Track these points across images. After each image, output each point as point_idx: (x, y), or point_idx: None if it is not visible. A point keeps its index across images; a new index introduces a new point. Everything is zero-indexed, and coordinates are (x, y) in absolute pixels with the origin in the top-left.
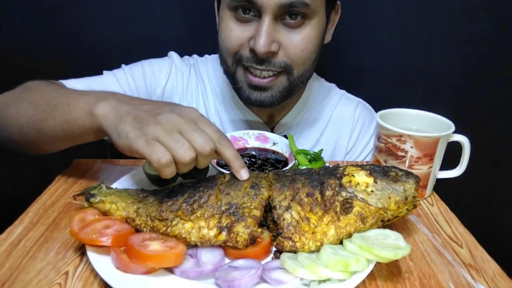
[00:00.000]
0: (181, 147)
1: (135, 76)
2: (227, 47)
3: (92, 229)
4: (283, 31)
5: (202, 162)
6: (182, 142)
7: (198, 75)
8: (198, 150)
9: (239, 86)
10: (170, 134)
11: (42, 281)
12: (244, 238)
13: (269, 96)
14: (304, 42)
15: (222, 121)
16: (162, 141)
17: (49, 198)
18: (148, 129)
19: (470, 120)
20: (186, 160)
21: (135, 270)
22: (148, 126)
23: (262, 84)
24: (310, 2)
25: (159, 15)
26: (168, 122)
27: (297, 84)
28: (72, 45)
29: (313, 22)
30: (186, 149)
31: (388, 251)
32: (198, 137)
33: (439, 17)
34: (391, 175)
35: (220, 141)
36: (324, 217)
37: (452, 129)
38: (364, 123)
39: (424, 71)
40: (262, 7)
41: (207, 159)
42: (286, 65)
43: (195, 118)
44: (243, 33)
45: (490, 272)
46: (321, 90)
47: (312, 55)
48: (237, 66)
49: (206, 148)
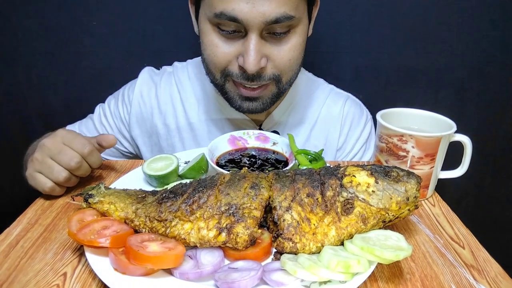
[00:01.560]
0: (52, 171)
1: (107, 116)
2: (214, 63)
3: (90, 230)
4: (270, 45)
5: (81, 174)
6: (52, 166)
7: (174, 82)
8: (67, 168)
9: (229, 96)
10: (42, 162)
11: (40, 282)
12: (244, 239)
13: (260, 104)
14: (291, 52)
15: (207, 122)
16: (39, 170)
17: (47, 199)
18: (31, 165)
19: (471, 120)
20: (61, 180)
21: (133, 271)
22: (32, 163)
23: (253, 95)
24: (294, 14)
25: (158, 14)
26: (40, 153)
27: (285, 88)
28: (72, 45)
29: (298, 30)
30: (57, 172)
31: (390, 252)
32: (63, 157)
33: (440, 17)
34: (392, 175)
35: (87, 155)
36: (325, 218)
37: (453, 129)
38: (354, 118)
39: (425, 70)
40: (248, 25)
41: (80, 171)
42: (275, 76)
43: (61, 139)
44: (230, 49)
45: (492, 273)
46: (308, 84)
47: (298, 60)
48: (225, 79)
49: (71, 164)
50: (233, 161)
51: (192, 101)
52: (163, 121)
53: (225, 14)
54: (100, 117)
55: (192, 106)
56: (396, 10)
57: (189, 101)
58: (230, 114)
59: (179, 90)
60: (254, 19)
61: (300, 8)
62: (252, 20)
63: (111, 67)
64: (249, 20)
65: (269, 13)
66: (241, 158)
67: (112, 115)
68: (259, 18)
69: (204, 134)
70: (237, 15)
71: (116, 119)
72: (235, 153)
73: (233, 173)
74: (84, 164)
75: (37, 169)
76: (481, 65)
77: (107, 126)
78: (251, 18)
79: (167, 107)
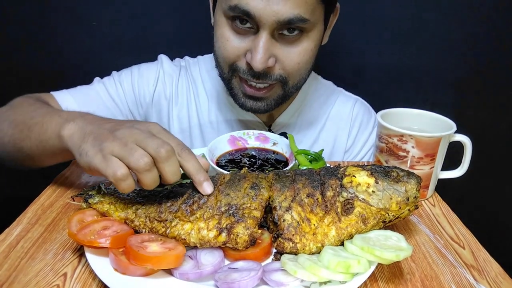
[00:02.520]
0: (134, 153)
1: (123, 85)
2: (223, 56)
3: (90, 230)
4: (280, 45)
5: (164, 170)
6: (135, 149)
7: (189, 77)
8: (152, 154)
9: (234, 93)
10: (125, 145)
11: (40, 282)
12: (244, 239)
13: (264, 105)
14: (301, 56)
15: (217, 121)
16: (117, 154)
17: (47, 199)
18: (105, 145)
19: (471, 120)
20: (141, 165)
21: (134, 271)
22: (105, 143)
23: (258, 95)
24: (309, 17)
25: (158, 14)
26: (125, 136)
27: (292, 92)
28: (72, 45)
29: (311, 35)
30: (139, 155)
31: (390, 253)
32: (152, 142)
33: (440, 17)
34: (392, 175)
35: (180, 153)
36: (325, 218)
37: (453, 129)
38: (363, 121)
39: (425, 70)
40: (261, 22)
41: (167, 165)
42: (282, 77)
43: (155, 131)
44: (240, 44)
45: (493, 273)
46: (318, 87)
47: (307, 65)
48: (232, 74)
49: (161, 151)
50: (233, 161)
51: (203, 98)
52: (177, 113)
53: (239, 7)
54: (108, 92)
55: (203, 103)
56: (396, 10)
57: (201, 97)
58: (240, 115)
59: (191, 85)
60: (267, 16)
61: (316, 13)
62: (265, 17)
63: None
64: (262, 16)
65: (282, 13)
66: (241, 158)
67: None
68: (272, 16)
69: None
70: (251, 10)
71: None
72: (235, 153)
73: (233, 174)
74: (155, 169)
75: (111, 151)
76: (481, 65)
77: (119, 103)
78: (264, 15)
79: (183, 100)
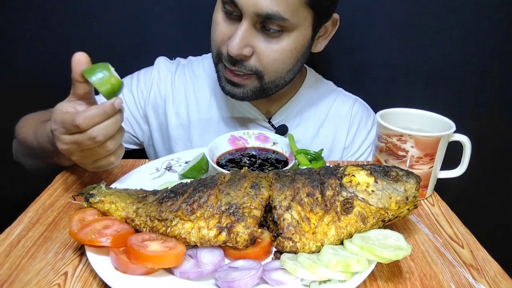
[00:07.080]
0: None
1: (125, 94)
2: (213, 39)
3: (91, 230)
4: (260, 38)
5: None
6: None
7: (188, 74)
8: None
9: (219, 76)
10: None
11: (41, 281)
12: (244, 238)
13: (241, 92)
14: (278, 53)
15: (218, 116)
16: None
17: (48, 198)
18: None
19: (471, 120)
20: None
21: (134, 270)
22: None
23: (234, 80)
24: (289, 17)
25: (159, 14)
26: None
27: (270, 88)
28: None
29: (292, 35)
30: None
31: (389, 252)
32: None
33: (440, 16)
34: (391, 175)
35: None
36: (324, 217)
37: (453, 129)
38: (362, 119)
39: (425, 70)
40: (242, 10)
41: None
42: (257, 70)
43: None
44: (227, 31)
45: (492, 273)
46: (318, 85)
47: (285, 65)
48: (219, 59)
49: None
50: (233, 161)
51: (205, 93)
52: (176, 111)
53: None
54: None
55: (204, 99)
56: (395, 9)
57: (202, 93)
58: (241, 112)
59: (192, 82)
60: (248, 6)
61: (299, 16)
62: (245, 7)
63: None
64: (243, 5)
65: (261, 6)
66: (241, 158)
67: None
68: (251, 7)
69: (214, 132)
70: None
71: (130, 103)
72: (235, 152)
73: (233, 173)
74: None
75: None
76: (481, 64)
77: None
78: (245, 5)
79: (180, 97)
